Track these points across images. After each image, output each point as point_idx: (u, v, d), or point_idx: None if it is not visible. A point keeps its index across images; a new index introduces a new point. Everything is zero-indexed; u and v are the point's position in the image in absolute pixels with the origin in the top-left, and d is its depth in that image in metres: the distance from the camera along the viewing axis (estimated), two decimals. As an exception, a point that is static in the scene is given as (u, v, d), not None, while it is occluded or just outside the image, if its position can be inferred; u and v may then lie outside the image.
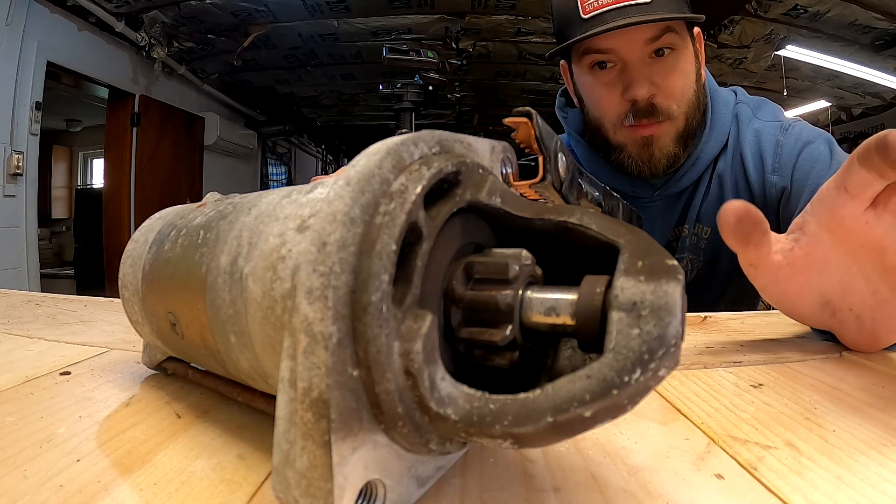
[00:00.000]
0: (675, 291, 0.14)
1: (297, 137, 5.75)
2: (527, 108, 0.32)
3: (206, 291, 0.21)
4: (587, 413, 0.13)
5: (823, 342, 0.38)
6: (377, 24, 3.16)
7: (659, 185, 0.74)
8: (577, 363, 0.18)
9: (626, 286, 0.14)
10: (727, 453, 0.22)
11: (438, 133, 0.18)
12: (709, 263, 0.74)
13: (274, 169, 5.59)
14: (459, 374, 0.17)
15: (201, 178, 4.05)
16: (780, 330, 0.42)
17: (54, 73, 2.75)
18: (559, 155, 0.33)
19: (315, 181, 0.23)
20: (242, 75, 4.00)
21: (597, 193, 0.41)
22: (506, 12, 2.99)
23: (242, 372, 0.22)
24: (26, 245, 2.60)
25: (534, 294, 0.16)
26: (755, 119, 0.72)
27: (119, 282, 0.30)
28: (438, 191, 0.17)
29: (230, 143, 4.32)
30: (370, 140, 0.17)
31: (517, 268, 0.17)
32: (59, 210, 5.20)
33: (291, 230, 0.18)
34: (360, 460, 0.15)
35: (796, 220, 0.33)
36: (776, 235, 0.33)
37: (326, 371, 0.14)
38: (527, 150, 0.33)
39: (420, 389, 0.15)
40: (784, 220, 0.67)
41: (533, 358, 0.18)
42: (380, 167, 0.16)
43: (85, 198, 4.54)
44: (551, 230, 0.18)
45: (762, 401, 0.28)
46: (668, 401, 0.28)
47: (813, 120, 3.91)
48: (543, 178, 0.32)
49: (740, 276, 0.35)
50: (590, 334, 0.15)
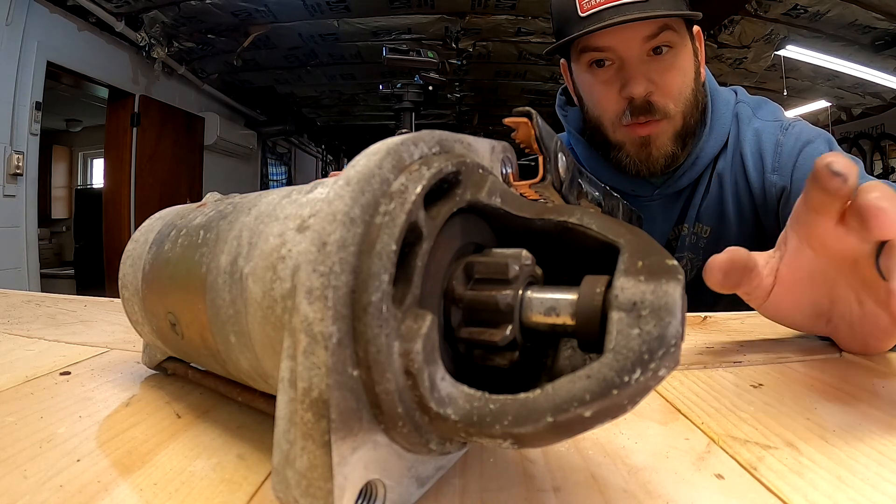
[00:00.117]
0: (675, 291, 0.14)
1: (297, 137, 5.75)
2: (527, 108, 0.32)
3: (206, 291, 0.21)
4: (587, 413, 0.13)
5: (823, 342, 0.38)
6: (377, 24, 3.16)
7: (659, 184, 0.74)
8: (577, 363, 0.18)
9: (626, 286, 0.14)
10: (727, 453, 0.22)
11: (438, 133, 0.18)
12: None
13: (274, 169, 5.59)
14: (459, 374, 0.16)
15: (201, 178, 4.05)
16: (780, 330, 0.42)
17: (54, 73, 2.75)
18: (559, 155, 0.33)
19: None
20: (242, 75, 4.00)
21: (597, 193, 0.41)
22: (506, 12, 2.99)
23: (242, 372, 0.22)
24: (26, 245, 2.60)
25: (534, 294, 0.16)
26: (755, 118, 0.72)
27: (119, 282, 0.30)
28: (438, 191, 0.17)
29: (230, 143, 4.32)
30: (370, 140, 0.17)
31: (517, 268, 0.17)
32: (59, 210, 5.20)
33: (291, 230, 0.18)
34: (360, 460, 0.15)
35: (781, 236, 0.34)
36: (763, 257, 0.33)
37: (326, 371, 0.14)
38: (527, 150, 0.33)
39: (420, 389, 0.15)
40: (784, 220, 0.67)
41: (533, 358, 0.18)
42: (380, 167, 0.16)
43: (85, 198, 4.54)
44: (551, 230, 0.18)
45: (762, 401, 0.28)
46: (668, 401, 0.28)
47: (813, 120, 3.90)
48: (543, 178, 0.32)
49: None
50: (590, 334, 0.15)
